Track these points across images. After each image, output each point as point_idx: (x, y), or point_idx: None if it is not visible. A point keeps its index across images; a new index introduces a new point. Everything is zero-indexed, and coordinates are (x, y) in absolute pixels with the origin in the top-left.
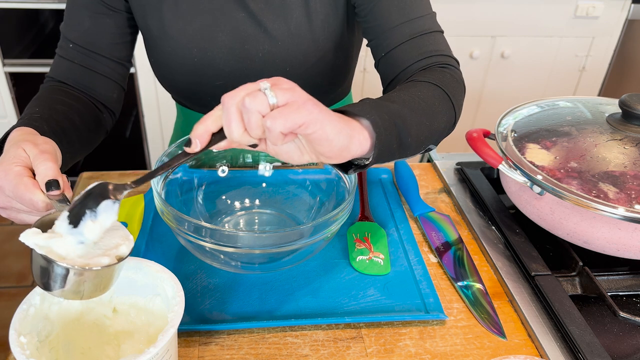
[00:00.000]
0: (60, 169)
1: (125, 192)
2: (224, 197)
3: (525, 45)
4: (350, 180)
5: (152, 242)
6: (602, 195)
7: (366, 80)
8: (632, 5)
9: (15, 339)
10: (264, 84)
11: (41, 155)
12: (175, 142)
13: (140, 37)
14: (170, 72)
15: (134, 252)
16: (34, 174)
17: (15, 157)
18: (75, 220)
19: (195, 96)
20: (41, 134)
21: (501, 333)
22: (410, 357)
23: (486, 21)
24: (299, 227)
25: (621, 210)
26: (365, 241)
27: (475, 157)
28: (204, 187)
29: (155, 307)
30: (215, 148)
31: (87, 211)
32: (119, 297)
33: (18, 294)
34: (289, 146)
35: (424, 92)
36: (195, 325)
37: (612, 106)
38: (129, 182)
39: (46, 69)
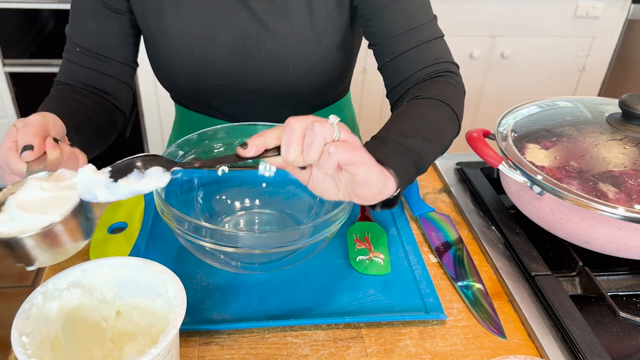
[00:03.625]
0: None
1: (173, 167)
2: (224, 197)
3: (525, 45)
4: None
5: (152, 242)
6: (602, 195)
7: (366, 80)
8: (632, 5)
9: (17, 339)
10: (333, 117)
11: (23, 128)
12: (175, 142)
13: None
14: (171, 72)
15: (134, 253)
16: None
17: (8, 134)
18: (117, 175)
19: (196, 96)
20: None
21: (501, 333)
22: (410, 357)
23: (486, 21)
24: (299, 227)
25: (621, 210)
26: (365, 241)
27: (475, 157)
28: (204, 187)
29: (157, 307)
30: (266, 160)
31: (135, 171)
32: (122, 298)
33: (18, 294)
34: (329, 182)
35: (434, 114)
36: (196, 325)
37: (612, 106)
38: (182, 162)
39: (46, 69)
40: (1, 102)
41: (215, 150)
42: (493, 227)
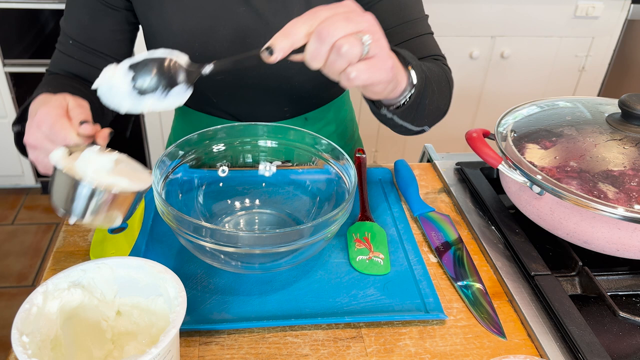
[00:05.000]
0: None
1: (196, 78)
2: (224, 197)
3: (525, 45)
4: (350, 180)
5: (153, 242)
6: (601, 195)
7: None
8: (632, 5)
9: (18, 339)
10: (366, 37)
11: (78, 106)
12: (175, 142)
13: (140, 35)
14: None
15: (135, 253)
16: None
17: (58, 102)
18: (141, 88)
19: (195, 92)
20: None
21: (501, 333)
22: (410, 356)
23: (486, 21)
24: (299, 227)
25: (621, 210)
26: (365, 241)
27: (475, 157)
28: (204, 187)
29: (157, 307)
30: (288, 57)
31: (160, 88)
32: (122, 297)
33: (18, 294)
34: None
35: (436, 69)
36: (196, 325)
37: (611, 106)
38: (206, 65)
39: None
40: (1, 102)
41: (215, 150)
42: (493, 227)
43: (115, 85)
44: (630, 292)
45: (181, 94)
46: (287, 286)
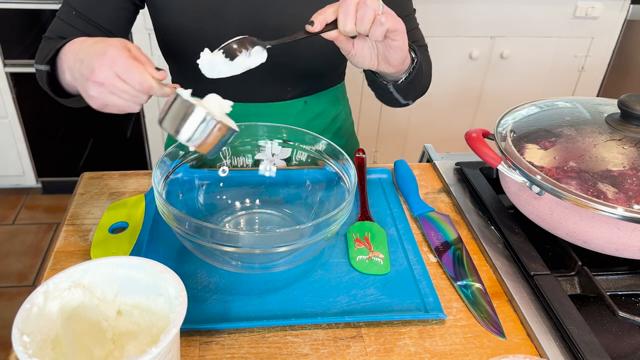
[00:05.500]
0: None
1: (267, 44)
2: (224, 197)
3: (524, 46)
4: (350, 180)
5: (153, 242)
6: (601, 195)
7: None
8: (631, 5)
9: (18, 338)
10: None
11: (142, 53)
12: (176, 142)
13: (136, 27)
14: (179, 44)
15: (135, 252)
16: None
17: (124, 44)
18: (230, 55)
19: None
20: None
21: (500, 332)
22: (410, 356)
23: (485, 22)
24: (299, 227)
25: (620, 210)
26: (365, 241)
27: (474, 157)
28: (204, 187)
29: (157, 307)
30: (324, 35)
31: (243, 50)
32: (123, 297)
33: (19, 294)
34: (367, 51)
35: (424, 56)
36: (196, 324)
37: (610, 106)
38: (273, 40)
39: None
40: (2, 102)
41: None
42: (492, 227)
43: (213, 61)
44: (630, 292)
45: (260, 53)
46: (287, 286)
